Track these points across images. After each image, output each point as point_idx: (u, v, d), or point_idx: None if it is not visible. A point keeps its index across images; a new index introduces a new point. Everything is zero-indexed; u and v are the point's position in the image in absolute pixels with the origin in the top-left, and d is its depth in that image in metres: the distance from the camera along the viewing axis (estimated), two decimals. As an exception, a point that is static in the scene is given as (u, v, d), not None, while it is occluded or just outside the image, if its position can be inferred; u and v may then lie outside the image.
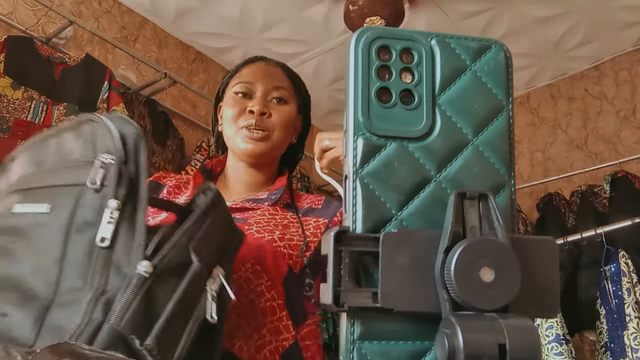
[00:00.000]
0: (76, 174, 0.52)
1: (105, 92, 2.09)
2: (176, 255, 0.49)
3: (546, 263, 0.26)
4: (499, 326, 0.23)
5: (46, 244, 0.48)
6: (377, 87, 0.28)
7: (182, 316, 0.49)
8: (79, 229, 0.48)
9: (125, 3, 2.60)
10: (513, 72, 0.30)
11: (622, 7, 2.53)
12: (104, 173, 0.50)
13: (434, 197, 0.27)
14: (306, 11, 2.59)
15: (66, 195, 0.50)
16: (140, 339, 0.43)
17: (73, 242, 0.47)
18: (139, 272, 0.45)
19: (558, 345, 1.90)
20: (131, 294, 0.44)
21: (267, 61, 0.98)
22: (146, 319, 0.44)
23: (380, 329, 0.26)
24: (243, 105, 0.90)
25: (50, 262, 0.46)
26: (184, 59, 2.87)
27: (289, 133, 0.94)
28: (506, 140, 0.29)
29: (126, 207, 0.49)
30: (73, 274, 0.46)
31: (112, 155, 0.51)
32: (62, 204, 0.50)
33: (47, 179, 0.54)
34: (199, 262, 0.50)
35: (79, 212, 0.49)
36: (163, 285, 0.47)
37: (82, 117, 0.57)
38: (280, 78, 0.95)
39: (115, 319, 0.42)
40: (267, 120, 0.89)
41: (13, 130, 1.83)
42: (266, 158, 0.92)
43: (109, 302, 0.44)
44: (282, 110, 0.91)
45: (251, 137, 0.88)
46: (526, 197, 2.96)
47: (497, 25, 2.65)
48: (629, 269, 1.98)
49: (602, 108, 2.97)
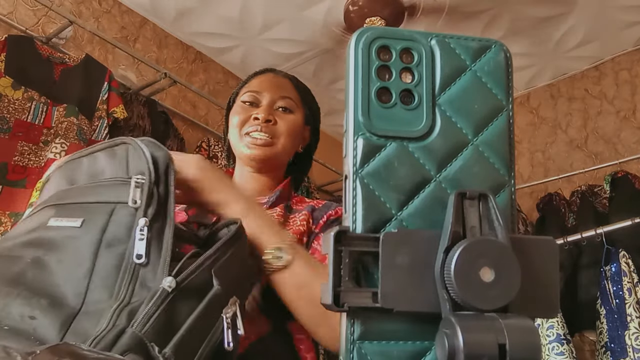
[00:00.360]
0: (109, 193, 0.56)
1: (105, 92, 2.09)
2: (198, 276, 0.52)
3: (546, 263, 0.26)
4: (499, 326, 0.23)
5: (77, 256, 0.50)
6: (377, 87, 0.28)
7: (200, 333, 0.51)
8: (109, 244, 0.51)
9: (125, 3, 2.60)
10: (513, 72, 0.30)
11: (622, 7, 2.53)
12: (140, 193, 0.54)
13: (434, 197, 0.27)
14: (306, 11, 2.59)
15: (99, 211, 0.54)
16: (160, 347, 0.45)
17: (102, 256, 0.50)
18: (163, 287, 0.48)
19: (559, 345, 1.90)
20: (153, 306, 0.46)
21: (275, 73, 1.01)
22: (166, 330, 0.47)
23: (380, 329, 0.26)
24: (249, 112, 0.92)
25: (79, 274, 0.49)
26: (184, 59, 2.87)
27: (295, 141, 0.95)
28: (506, 140, 0.29)
29: (154, 225, 0.52)
30: (100, 286, 0.48)
31: (144, 176, 0.55)
32: (95, 219, 0.53)
33: (81, 196, 0.57)
34: (219, 286, 0.53)
35: (110, 228, 0.52)
36: (184, 301, 0.50)
37: (116, 140, 0.61)
38: (287, 88, 0.97)
39: (137, 326, 0.44)
40: (272, 127, 0.91)
41: (13, 131, 1.83)
42: (270, 164, 0.92)
43: (133, 312, 0.46)
44: (288, 119, 0.93)
45: (255, 142, 0.89)
46: (526, 197, 2.96)
47: (497, 25, 2.65)
48: (629, 269, 1.98)
49: (602, 108, 2.97)
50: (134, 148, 0.59)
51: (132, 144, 0.60)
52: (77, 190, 0.58)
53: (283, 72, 1.02)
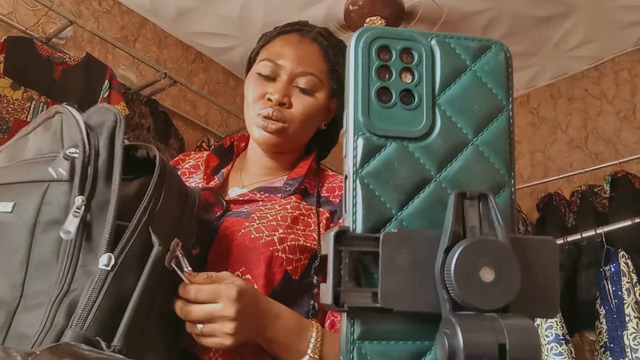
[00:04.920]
0: (41, 170, 0.49)
1: (106, 91, 2.09)
2: (136, 241, 0.47)
3: (546, 263, 0.26)
4: (499, 326, 0.23)
5: (10, 245, 0.45)
6: (377, 87, 0.28)
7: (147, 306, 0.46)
8: (45, 227, 0.46)
9: (125, 3, 2.60)
10: (513, 72, 0.30)
11: (622, 7, 2.53)
12: (69, 167, 0.47)
13: (434, 197, 0.27)
14: (306, 11, 2.59)
15: (31, 192, 0.48)
16: (107, 339, 0.41)
17: (39, 242, 0.45)
18: (100, 267, 0.43)
19: (558, 345, 1.90)
20: (94, 292, 0.42)
21: (302, 34, 0.86)
22: (112, 315, 0.42)
23: (380, 329, 0.26)
24: (263, 89, 0.81)
25: (15, 264, 0.44)
26: (184, 59, 2.87)
27: (312, 124, 0.84)
28: (506, 140, 0.29)
29: (92, 202, 0.46)
30: (39, 275, 0.44)
31: (77, 149, 0.48)
32: (27, 201, 0.47)
33: (14, 175, 0.51)
34: (160, 246, 0.48)
35: (45, 209, 0.46)
36: (128, 274, 0.45)
37: (51, 110, 0.54)
38: (312, 61, 0.83)
39: (77, 322, 0.40)
40: (285, 111, 0.80)
41: (13, 131, 1.83)
42: (282, 148, 0.84)
43: (73, 303, 0.41)
44: (305, 102, 0.81)
45: (265, 127, 0.79)
46: (526, 197, 2.96)
47: (497, 25, 2.65)
48: (628, 269, 1.98)
49: (602, 108, 2.97)
50: (67, 116, 0.52)
51: (65, 113, 0.53)
52: (8, 170, 0.52)
53: (313, 33, 0.86)
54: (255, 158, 0.88)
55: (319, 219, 0.77)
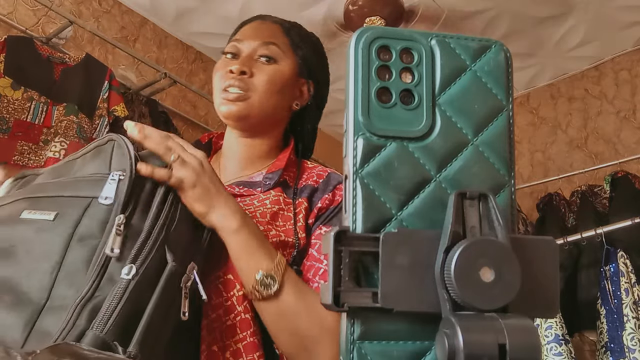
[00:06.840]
0: (86, 188, 0.55)
1: (106, 91, 2.09)
2: (155, 256, 0.51)
3: (546, 263, 0.26)
4: (499, 326, 0.23)
5: (45, 250, 0.49)
6: (377, 87, 0.28)
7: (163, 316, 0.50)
8: (81, 238, 0.50)
9: (125, 3, 2.60)
10: (513, 72, 0.30)
11: (622, 7, 2.53)
12: (115, 189, 0.53)
13: (434, 197, 0.27)
14: (306, 11, 2.59)
15: (74, 206, 0.53)
16: (124, 344, 0.44)
17: (73, 250, 0.49)
18: (122, 277, 0.47)
19: (557, 345, 1.90)
20: (115, 299, 0.45)
21: (264, 19, 0.89)
22: (130, 322, 0.46)
23: (380, 329, 0.26)
24: (227, 66, 0.81)
25: (46, 268, 0.48)
26: (184, 59, 2.87)
27: (279, 96, 0.81)
28: (506, 140, 0.29)
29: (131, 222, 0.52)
30: (67, 281, 0.47)
31: (124, 173, 0.54)
32: (69, 213, 0.52)
33: (57, 190, 0.56)
34: (174, 262, 0.53)
35: (84, 222, 0.51)
36: (146, 286, 0.49)
37: (103, 138, 0.61)
38: (273, 34, 0.84)
39: (98, 326, 0.43)
40: (247, 80, 0.79)
41: (13, 131, 1.83)
42: (250, 123, 0.81)
43: (95, 308, 0.45)
44: (268, 70, 0.80)
45: (227, 97, 0.78)
46: (526, 197, 2.96)
47: (497, 25, 2.65)
48: (627, 269, 1.98)
49: (602, 108, 2.97)
50: (119, 145, 0.58)
51: (117, 141, 0.59)
52: (55, 185, 0.58)
53: (275, 18, 0.88)
54: (229, 149, 0.86)
55: (296, 211, 0.75)
